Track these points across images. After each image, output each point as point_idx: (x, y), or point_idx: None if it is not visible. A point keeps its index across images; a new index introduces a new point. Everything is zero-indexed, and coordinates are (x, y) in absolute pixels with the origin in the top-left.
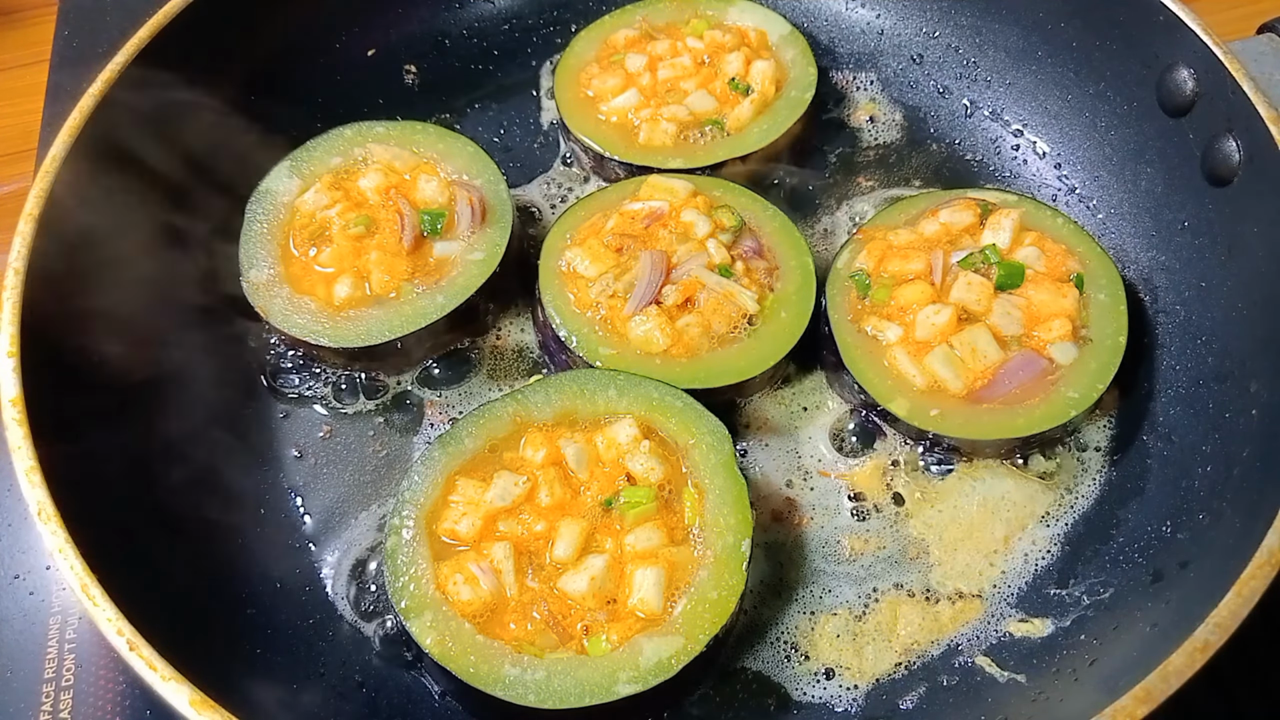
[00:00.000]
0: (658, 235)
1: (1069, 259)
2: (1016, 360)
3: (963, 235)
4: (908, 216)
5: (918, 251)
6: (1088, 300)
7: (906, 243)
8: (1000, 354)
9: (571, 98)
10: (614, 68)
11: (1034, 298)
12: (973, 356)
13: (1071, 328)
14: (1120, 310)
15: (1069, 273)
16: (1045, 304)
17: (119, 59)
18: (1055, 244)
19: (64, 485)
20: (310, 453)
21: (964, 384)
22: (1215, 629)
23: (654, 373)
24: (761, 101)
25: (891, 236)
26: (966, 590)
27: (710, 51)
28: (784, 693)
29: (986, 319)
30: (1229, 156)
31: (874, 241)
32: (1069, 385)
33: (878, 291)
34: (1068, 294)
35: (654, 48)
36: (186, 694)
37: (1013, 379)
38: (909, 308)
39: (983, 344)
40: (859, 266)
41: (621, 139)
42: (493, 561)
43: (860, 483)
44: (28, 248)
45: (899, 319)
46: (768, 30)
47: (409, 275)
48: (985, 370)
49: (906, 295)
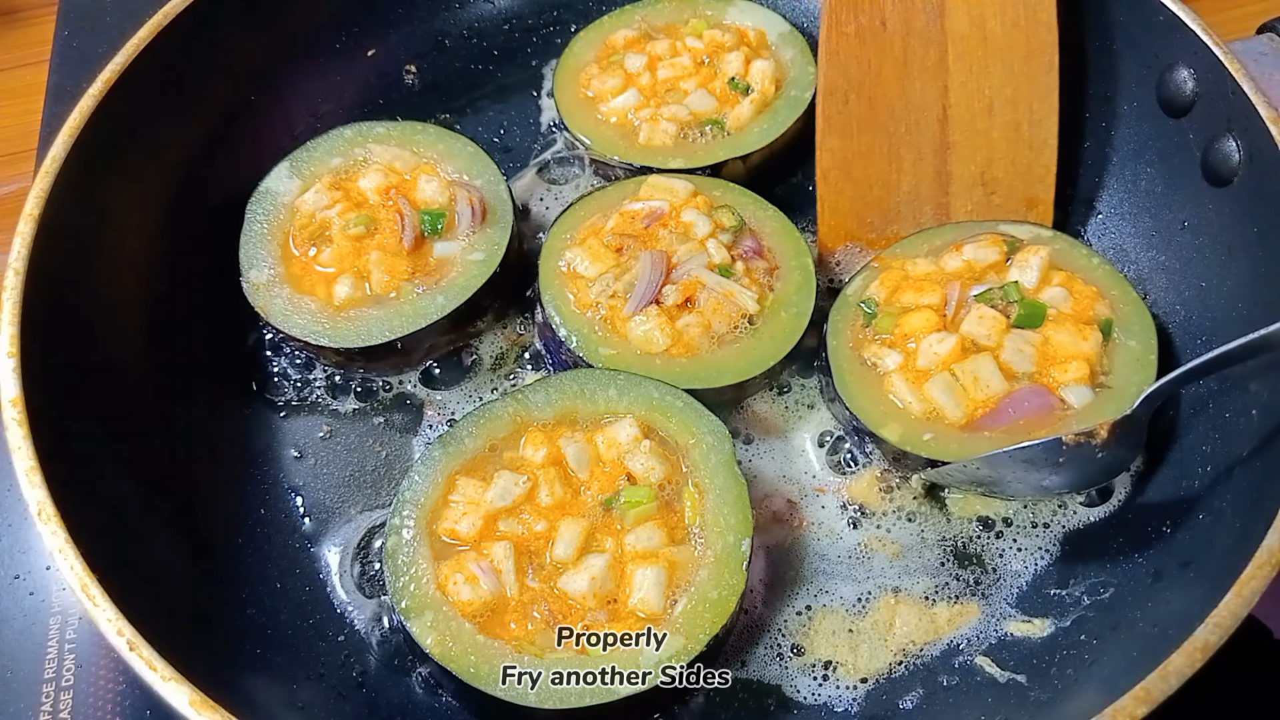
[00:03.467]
0: (658, 235)
1: (1098, 303)
2: (1024, 391)
3: (987, 271)
4: (930, 247)
5: (934, 285)
6: (1114, 347)
7: (924, 274)
8: (1005, 385)
9: (571, 98)
10: (613, 68)
11: (1053, 338)
12: (975, 385)
13: (1089, 371)
14: (1150, 360)
15: (1096, 317)
16: (1064, 345)
17: (119, 59)
18: (1086, 286)
19: (64, 485)
20: (310, 453)
21: (964, 413)
22: (1215, 629)
23: (654, 373)
24: (761, 101)
25: (909, 267)
26: (964, 593)
27: (710, 51)
28: (784, 693)
29: (996, 354)
30: (1229, 156)
31: (889, 271)
32: (1079, 425)
33: (882, 320)
34: (1090, 337)
35: (653, 48)
36: (186, 694)
37: (1018, 409)
38: (913, 335)
39: (986, 373)
40: (869, 295)
41: (621, 139)
42: (493, 561)
43: (860, 483)
44: (28, 248)
45: (900, 346)
46: (766, 30)
47: (409, 275)
48: (987, 400)
49: (911, 323)
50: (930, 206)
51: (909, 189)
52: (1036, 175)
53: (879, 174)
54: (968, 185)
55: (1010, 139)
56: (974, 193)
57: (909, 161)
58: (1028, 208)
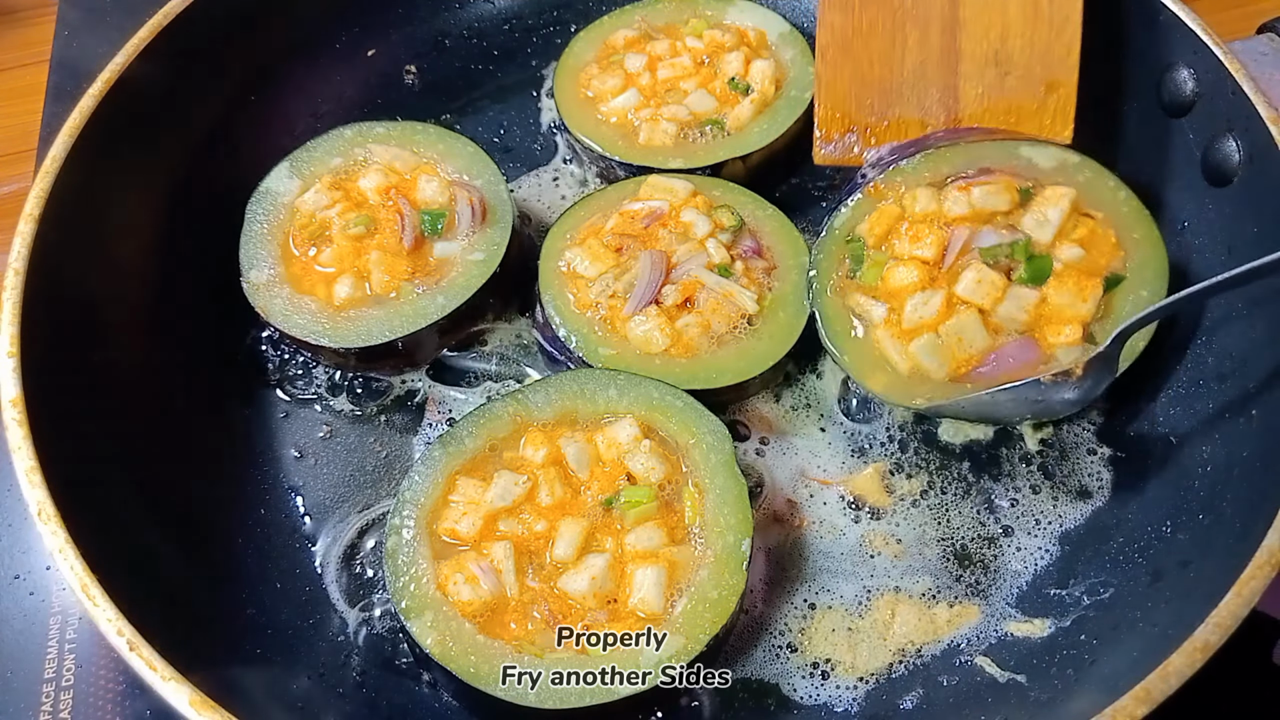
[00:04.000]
0: (657, 235)
1: (1115, 255)
2: (1012, 346)
3: (994, 217)
4: (935, 175)
5: (932, 229)
6: (1119, 296)
7: (923, 215)
8: (991, 341)
9: (571, 98)
10: (614, 68)
11: (1051, 298)
12: (959, 345)
13: (1082, 334)
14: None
15: (1107, 269)
16: (1061, 308)
17: (119, 59)
18: (1105, 233)
19: (64, 485)
20: (310, 453)
21: (949, 371)
22: (1215, 629)
23: (654, 373)
24: (761, 101)
25: (908, 200)
26: (964, 593)
27: (710, 51)
28: (783, 693)
29: (987, 313)
30: (1229, 156)
31: (883, 207)
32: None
33: (868, 272)
34: (1089, 297)
35: (653, 48)
36: (186, 694)
37: (1004, 364)
38: (899, 292)
39: (971, 332)
40: (859, 234)
41: (622, 139)
42: (493, 561)
43: (860, 484)
44: (28, 248)
45: (886, 298)
46: (767, 30)
47: (409, 275)
48: (971, 357)
49: (898, 278)
50: (936, 89)
51: (914, 68)
52: (1057, 56)
53: (881, 51)
54: (979, 64)
55: (1028, 14)
56: (986, 73)
57: (914, 38)
58: (1047, 92)
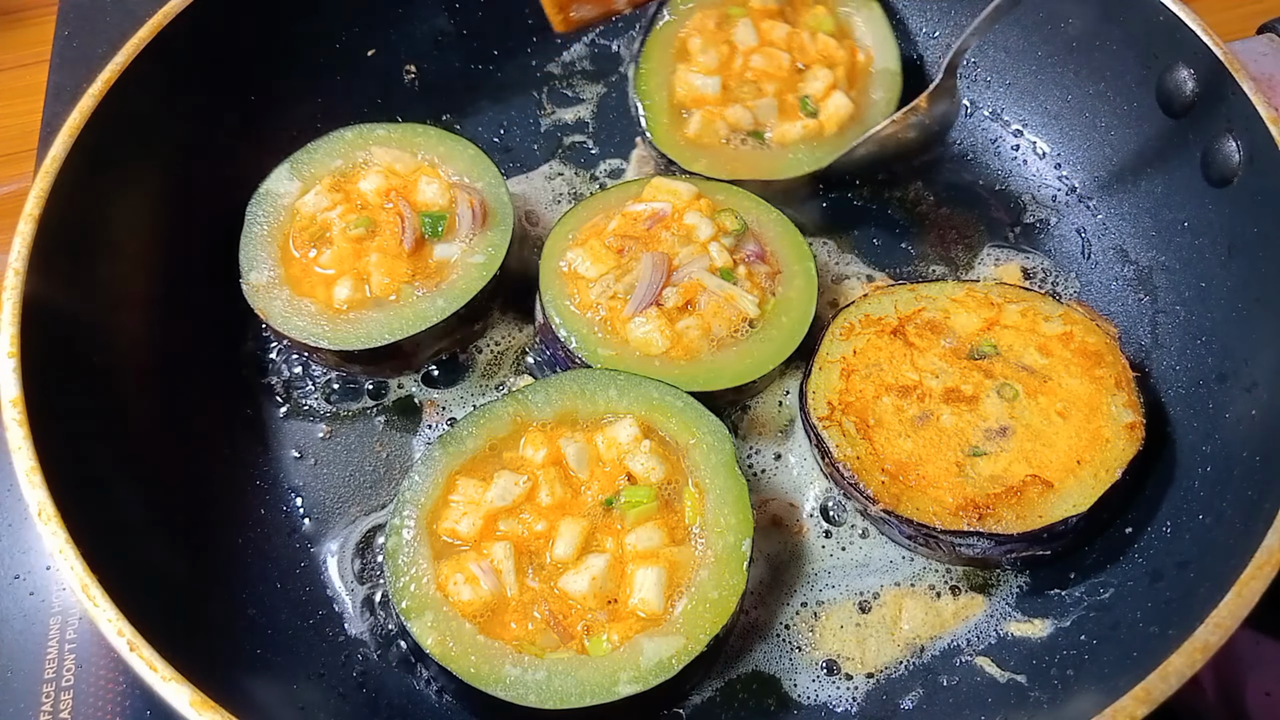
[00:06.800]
0: (659, 237)
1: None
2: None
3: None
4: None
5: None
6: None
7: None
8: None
9: (660, 56)
10: (718, 41)
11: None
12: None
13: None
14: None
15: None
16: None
17: (119, 59)
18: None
19: (64, 485)
20: (310, 453)
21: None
22: (1215, 629)
23: (653, 375)
24: (816, 130)
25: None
26: (968, 587)
27: (811, 59)
28: (784, 692)
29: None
30: (1229, 156)
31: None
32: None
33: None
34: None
35: (772, 30)
36: (186, 694)
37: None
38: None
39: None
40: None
41: (671, 123)
42: (493, 561)
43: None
44: (28, 248)
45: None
46: (877, 57)
47: (409, 278)
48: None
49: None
50: None
51: None
52: None
53: None
54: None
55: None
56: None
57: None
58: None
